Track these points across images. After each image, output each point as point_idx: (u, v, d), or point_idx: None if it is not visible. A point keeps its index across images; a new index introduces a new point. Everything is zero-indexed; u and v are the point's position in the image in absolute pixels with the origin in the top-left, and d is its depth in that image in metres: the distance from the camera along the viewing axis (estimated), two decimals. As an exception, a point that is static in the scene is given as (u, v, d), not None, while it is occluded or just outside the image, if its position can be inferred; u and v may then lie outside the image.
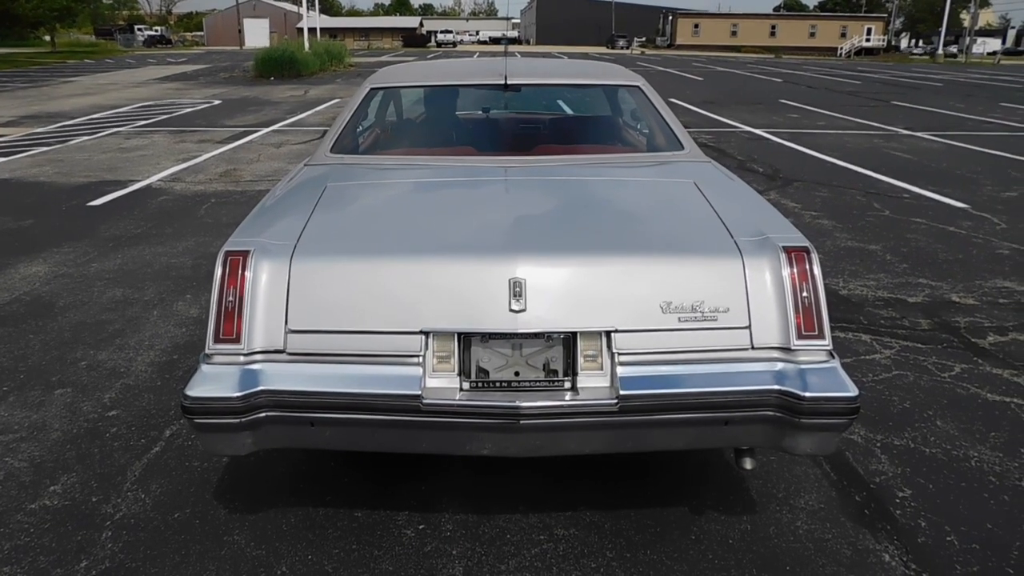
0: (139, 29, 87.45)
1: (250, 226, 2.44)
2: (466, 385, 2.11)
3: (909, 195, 7.78)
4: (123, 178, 8.36)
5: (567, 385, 2.11)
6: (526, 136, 3.76)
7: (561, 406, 2.06)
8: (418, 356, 2.07)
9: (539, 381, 2.12)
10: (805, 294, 2.13)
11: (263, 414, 2.07)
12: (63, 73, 28.82)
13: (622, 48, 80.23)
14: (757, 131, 12.85)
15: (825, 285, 4.81)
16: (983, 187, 8.30)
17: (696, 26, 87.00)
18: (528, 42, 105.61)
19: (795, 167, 9.36)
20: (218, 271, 2.15)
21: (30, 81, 24.10)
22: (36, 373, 3.67)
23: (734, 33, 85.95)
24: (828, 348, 2.15)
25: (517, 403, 2.03)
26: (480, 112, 4.03)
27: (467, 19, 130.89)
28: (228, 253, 2.18)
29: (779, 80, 29.67)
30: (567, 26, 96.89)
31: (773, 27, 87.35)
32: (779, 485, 2.79)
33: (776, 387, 2.07)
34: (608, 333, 2.09)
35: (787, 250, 2.17)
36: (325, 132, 12.10)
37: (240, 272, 2.12)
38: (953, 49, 74.82)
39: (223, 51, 63.70)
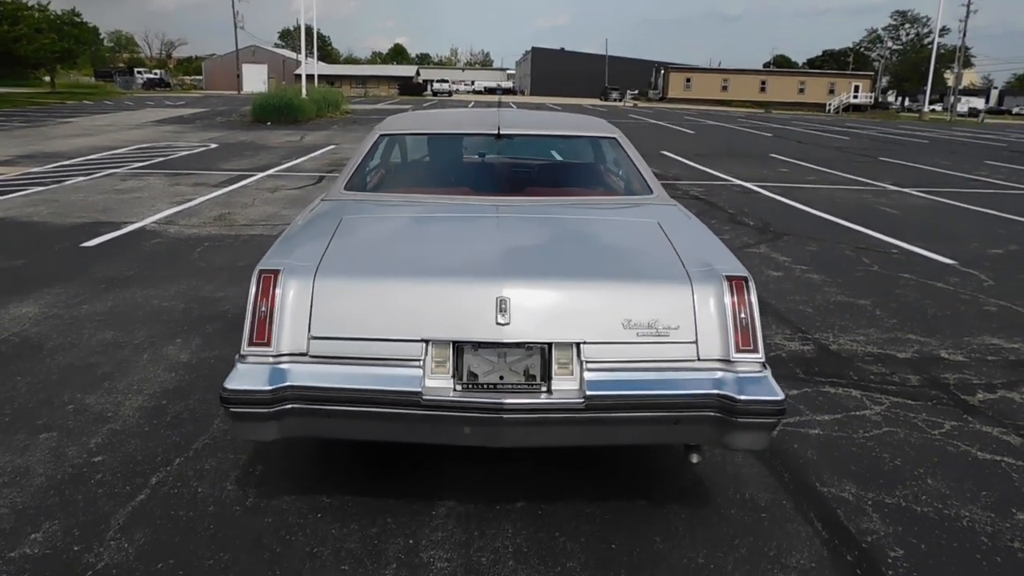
0: (138, 72, 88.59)
1: (278, 250, 2.84)
2: (459, 386, 2.49)
3: (898, 251, 7.87)
4: (117, 220, 8.39)
5: (543, 387, 2.51)
6: (516, 179, 4.17)
7: (538, 404, 2.46)
8: (419, 360, 2.45)
9: (520, 384, 2.51)
10: (743, 315, 2.55)
11: (288, 406, 2.43)
12: (61, 114, 29.08)
13: (615, 100, 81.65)
14: (748, 184, 13.05)
15: (815, 340, 4.92)
16: (970, 244, 8.42)
17: (688, 80, 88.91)
18: (522, 92, 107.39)
19: (785, 221, 9.48)
20: (252, 286, 2.55)
21: (27, 121, 24.29)
22: (22, 416, 3.62)
23: (725, 88, 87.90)
24: (761, 360, 2.55)
25: (501, 401, 2.43)
26: (476, 156, 4.40)
27: (463, 69, 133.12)
28: (261, 271, 2.58)
29: (769, 134, 30.20)
30: (561, 78, 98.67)
31: (763, 83, 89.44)
32: (770, 543, 2.77)
33: (716, 392, 2.46)
34: (578, 345, 2.50)
35: (729, 279, 2.60)
36: (331, 174, 12.34)
37: (272, 288, 2.51)
38: (938, 107, 76.51)
39: (221, 95, 64.48)
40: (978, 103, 77.41)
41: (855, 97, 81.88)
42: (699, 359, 2.50)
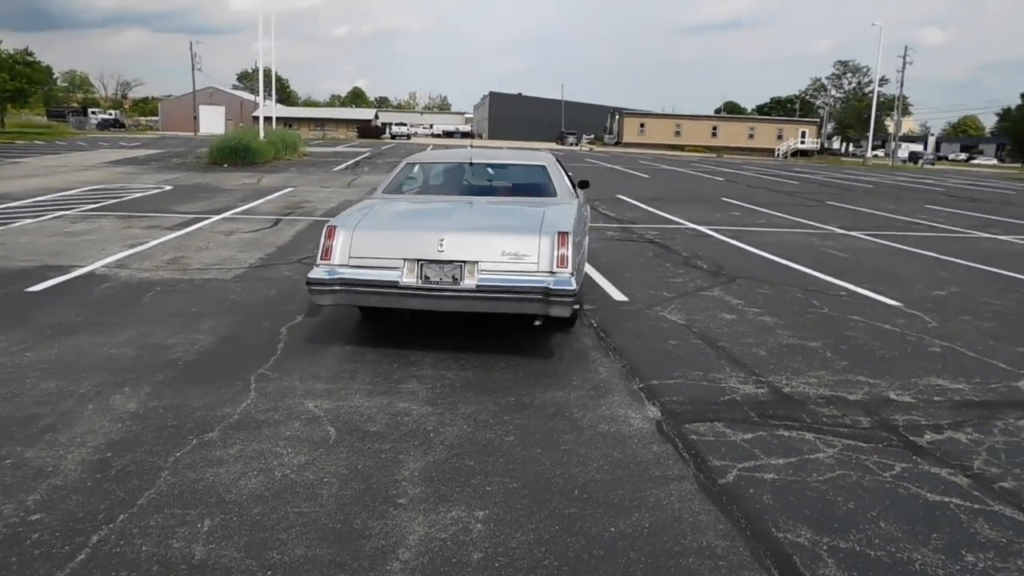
0: (93, 112, 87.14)
1: (338, 218, 5.64)
2: (419, 281, 5.04)
3: (846, 293, 8.05)
4: (66, 263, 8.18)
5: (459, 282, 5.03)
6: (483, 188, 6.96)
7: (456, 289, 5.00)
8: (400, 269, 5.05)
9: (448, 281, 5.04)
10: (562, 251, 5.02)
11: (337, 288, 5.05)
12: (10, 154, 28.41)
13: (571, 144, 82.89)
14: (701, 228, 13.31)
15: (769, 383, 4.97)
16: (914, 286, 8.65)
17: (642, 125, 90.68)
18: (480, 136, 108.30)
19: (738, 264, 9.66)
20: (324, 233, 5.27)
21: (-25, 161, 23.73)
22: (-45, 472, 3.46)
23: (678, 133, 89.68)
24: (569, 272, 4.98)
25: (440, 287, 5.00)
26: (460, 174, 7.13)
27: (421, 112, 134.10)
28: (327, 226, 5.35)
29: (721, 179, 30.88)
30: (518, 122, 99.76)
31: (714, 128, 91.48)
32: (729, 591, 2.75)
33: (543, 285, 4.91)
34: (476, 262, 5.03)
35: (559, 233, 5.11)
36: (288, 217, 12.29)
37: (332, 234, 5.23)
38: (880, 152, 79.09)
39: (177, 136, 63.78)
40: (917, 148, 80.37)
41: (802, 142, 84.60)
42: (538, 271, 5.05)
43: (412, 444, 3.92)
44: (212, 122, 78.84)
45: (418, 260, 5.07)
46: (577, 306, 5.19)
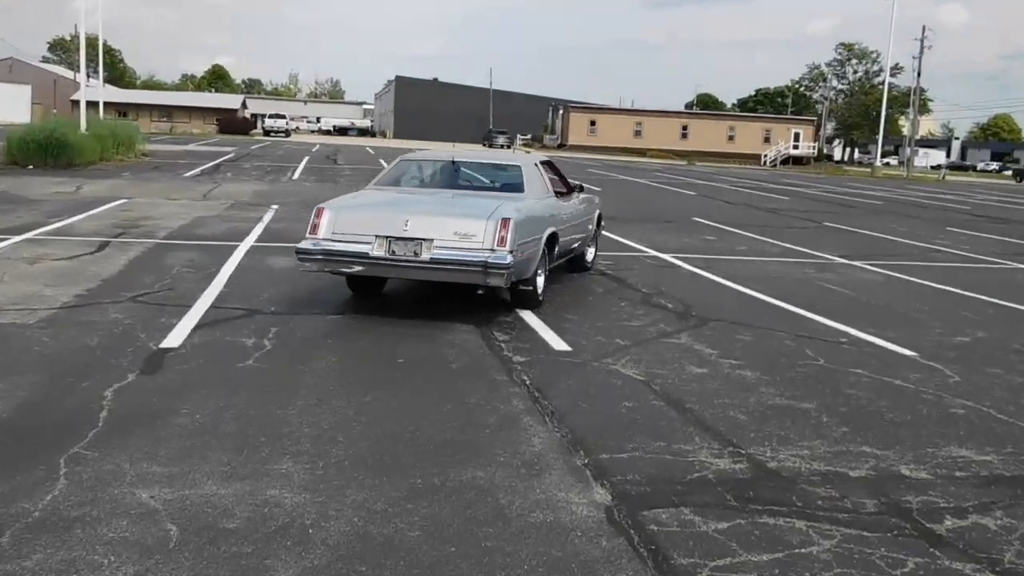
0: None
1: (329, 201, 9.19)
2: (387, 254, 8.17)
3: (847, 339, 8.33)
4: None
5: (418, 256, 8.08)
6: (463, 183, 10.08)
7: (415, 260, 8.10)
8: (371, 244, 8.18)
9: (410, 254, 8.12)
10: (503, 233, 7.93)
11: (320, 256, 8.34)
12: None
13: (502, 147, 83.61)
14: (666, 256, 13.62)
15: (749, 456, 5.09)
16: (931, 330, 9.01)
17: (593, 123, 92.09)
18: (383, 134, 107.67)
19: (711, 303, 9.90)
20: (313, 212, 8.63)
21: None
22: None
23: (638, 133, 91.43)
24: (507, 250, 7.91)
25: (404, 259, 8.15)
26: (445, 170, 10.40)
27: (305, 102, 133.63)
28: (317, 207, 8.70)
29: (692, 192, 31.69)
30: (432, 116, 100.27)
31: (685, 128, 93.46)
32: None
33: (484, 260, 7.91)
34: (432, 239, 8.10)
35: (501, 219, 8.05)
36: (120, 239, 12.18)
37: (320, 212, 8.52)
38: (893, 160, 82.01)
39: (-34, 127, 61.68)
40: (938, 156, 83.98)
41: (795, 147, 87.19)
42: (482, 248, 7.93)
43: (283, 545, 3.85)
44: (12, 106, 76.38)
45: (387, 237, 8.16)
46: (517, 281, 8.36)
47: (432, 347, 7.34)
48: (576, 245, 10.66)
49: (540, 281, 8.87)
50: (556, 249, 9.34)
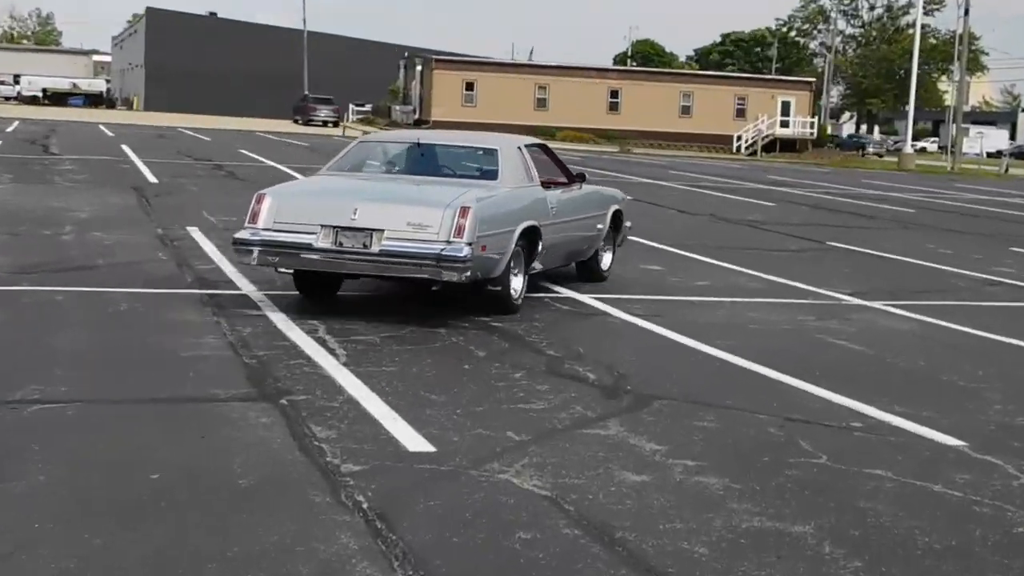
0: None
1: (271, 186, 11.94)
2: (333, 246, 10.66)
3: (862, 424, 7.38)
4: None
5: (367, 248, 10.46)
6: (428, 168, 12.14)
7: (364, 253, 10.59)
8: (316, 234, 10.52)
9: (358, 246, 10.65)
10: (461, 222, 9.87)
11: (259, 247, 10.88)
12: None
13: (325, 123, 68.69)
14: (585, 299, 11.99)
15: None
16: (989, 405, 8.05)
17: (470, 87, 74.18)
18: (129, 104, 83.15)
19: (656, 370, 8.81)
20: (253, 199, 11.12)
21: None
22: None
23: (542, 102, 73.82)
24: (464, 241, 9.73)
25: (351, 251, 10.79)
26: (408, 154, 12.29)
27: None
28: (257, 193, 11.13)
29: (628, 198, 30.88)
30: (210, 75, 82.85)
31: (614, 94, 74.72)
32: None
33: (438, 252, 10.00)
34: (383, 230, 10.28)
35: (460, 208, 9.97)
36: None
37: (261, 198, 11.09)
38: (931, 144, 64.66)
39: None
40: (999, 138, 66.62)
41: (784, 124, 71.57)
42: (437, 240, 9.79)
43: None
44: None
45: (334, 227, 9.41)
46: (483, 281, 10.12)
47: (207, 449, 6.23)
48: (577, 246, 12.13)
49: (516, 283, 10.35)
50: (540, 247, 10.71)
